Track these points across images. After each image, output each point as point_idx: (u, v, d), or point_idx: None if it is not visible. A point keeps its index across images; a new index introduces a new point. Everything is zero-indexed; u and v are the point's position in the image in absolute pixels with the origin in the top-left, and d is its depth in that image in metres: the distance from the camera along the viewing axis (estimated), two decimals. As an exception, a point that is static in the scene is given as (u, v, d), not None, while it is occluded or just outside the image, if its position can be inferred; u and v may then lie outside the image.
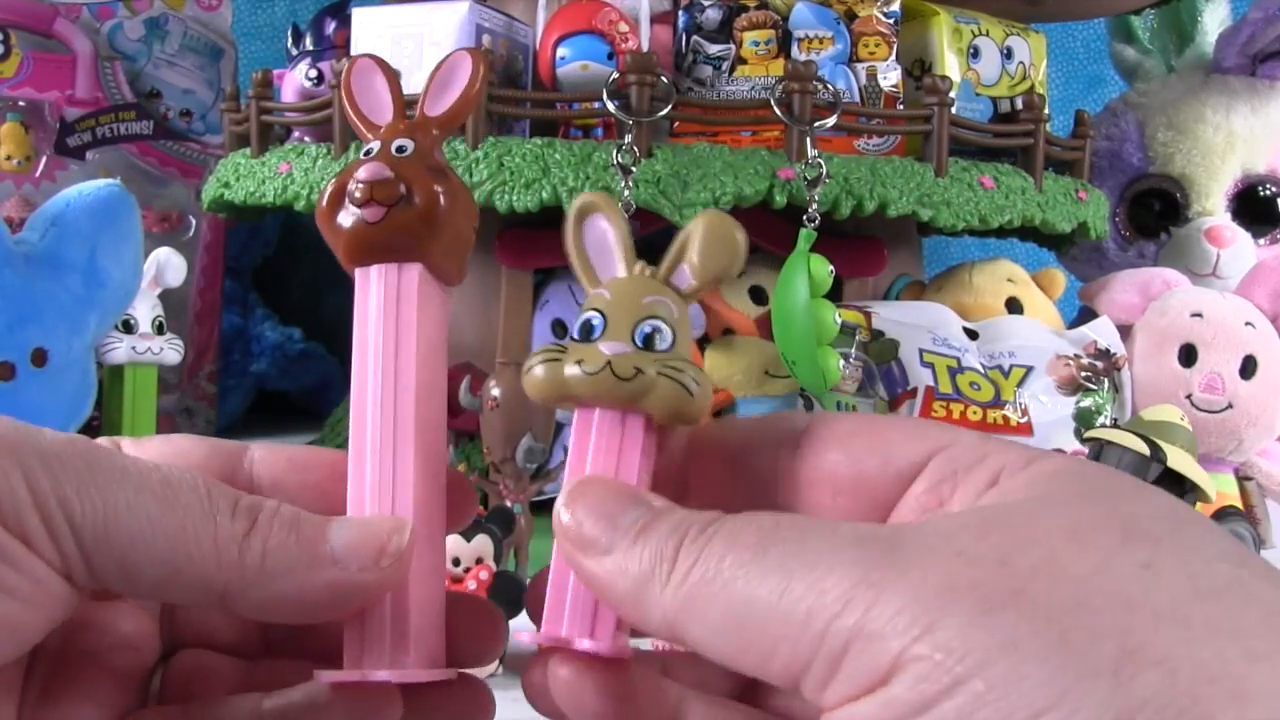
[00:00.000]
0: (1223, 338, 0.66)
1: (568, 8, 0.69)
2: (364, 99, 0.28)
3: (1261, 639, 0.17)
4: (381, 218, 0.25)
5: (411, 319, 0.25)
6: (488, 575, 0.47)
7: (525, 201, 0.61)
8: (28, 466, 0.21)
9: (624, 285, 0.26)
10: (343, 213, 0.26)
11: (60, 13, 0.87)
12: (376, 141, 0.26)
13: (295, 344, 1.08)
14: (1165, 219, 0.95)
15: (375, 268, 0.26)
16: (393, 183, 0.25)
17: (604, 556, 0.22)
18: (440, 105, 0.28)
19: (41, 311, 0.52)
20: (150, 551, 0.21)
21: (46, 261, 0.53)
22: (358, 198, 0.25)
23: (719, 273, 0.25)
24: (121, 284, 0.57)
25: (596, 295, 0.25)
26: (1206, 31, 0.98)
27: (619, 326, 0.25)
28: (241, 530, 0.22)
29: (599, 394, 0.24)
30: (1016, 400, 0.63)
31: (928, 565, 0.19)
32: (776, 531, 0.20)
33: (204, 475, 0.23)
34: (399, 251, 0.26)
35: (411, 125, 0.27)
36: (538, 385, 0.24)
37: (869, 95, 0.68)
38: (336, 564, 0.22)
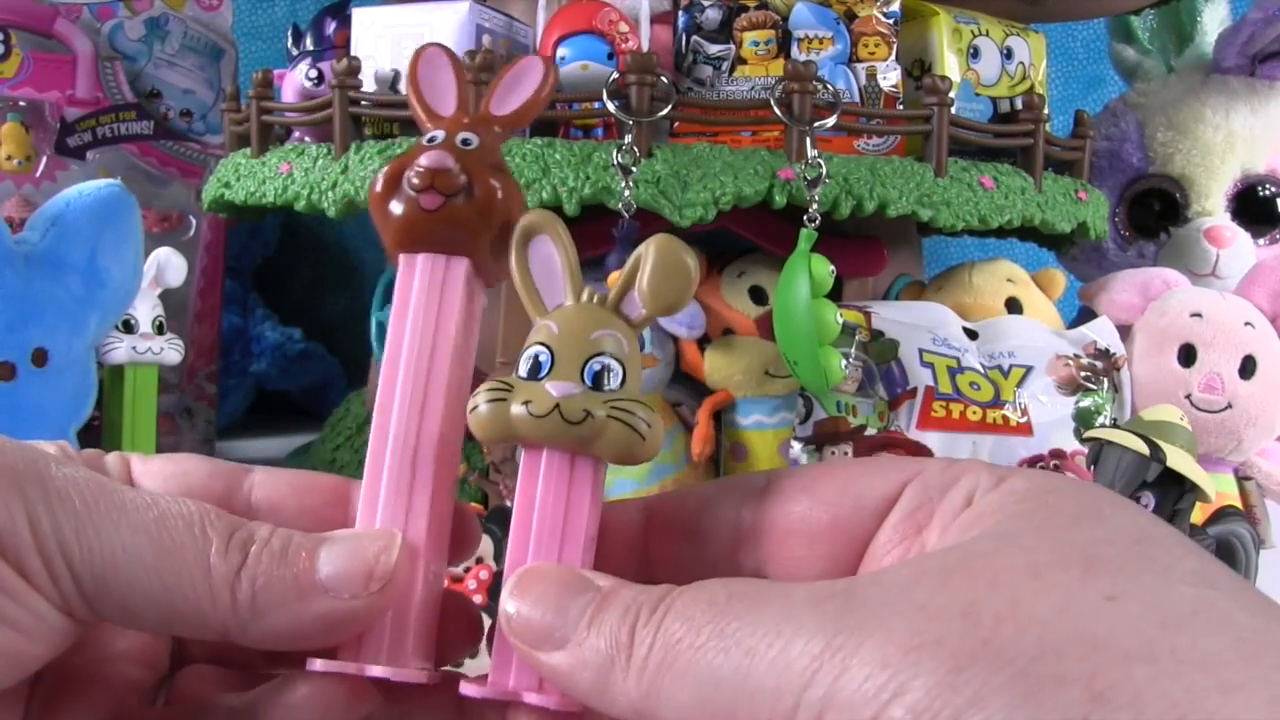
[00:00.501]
0: (1222, 338, 0.66)
1: (568, 8, 0.69)
2: (429, 88, 0.28)
3: (1232, 668, 0.16)
4: (439, 206, 0.25)
5: (453, 311, 0.25)
6: (487, 575, 0.47)
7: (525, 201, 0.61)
8: (31, 505, 0.21)
9: (571, 317, 0.25)
10: (397, 197, 0.25)
11: (60, 13, 0.87)
12: (440, 130, 0.26)
13: (295, 344, 1.08)
14: (1165, 219, 0.95)
15: (423, 256, 0.25)
16: (455, 173, 0.25)
17: (558, 651, 0.21)
18: (507, 105, 0.28)
19: (42, 311, 0.52)
20: (147, 594, 0.22)
21: (47, 261, 0.53)
22: (416, 183, 0.25)
23: (670, 301, 0.25)
24: (122, 284, 0.57)
25: (543, 327, 0.24)
26: (1206, 31, 0.98)
27: (567, 364, 0.24)
28: (233, 568, 0.22)
29: (547, 437, 0.23)
30: (1016, 400, 0.63)
31: (891, 623, 0.18)
32: (730, 605, 0.20)
33: (200, 507, 0.23)
34: (450, 243, 0.25)
35: (477, 119, 0.27)
36: (482, 424, 0.24)
37: (869, 95, 0.68)
38: (327, 593, 0.22)
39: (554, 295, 0.25)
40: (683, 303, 0.25)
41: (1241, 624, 0.17)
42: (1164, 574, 0.18)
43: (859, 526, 0.23)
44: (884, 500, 0.23)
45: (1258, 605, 0.18)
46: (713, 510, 0.25)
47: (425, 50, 0.28)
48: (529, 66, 0.28)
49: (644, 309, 0.25)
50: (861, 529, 0.23)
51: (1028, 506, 0.20)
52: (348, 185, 0.65)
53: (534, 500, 0.24)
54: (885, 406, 0.62)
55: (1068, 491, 0.21)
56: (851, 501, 0.23)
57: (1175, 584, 0.18)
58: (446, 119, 0.27)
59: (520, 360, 0.24)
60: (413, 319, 0.25)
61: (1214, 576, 0.18)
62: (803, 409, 0.64)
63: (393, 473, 0.24)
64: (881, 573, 0.20)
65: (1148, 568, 0.18)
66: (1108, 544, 0.19)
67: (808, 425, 0.63)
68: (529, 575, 0.23)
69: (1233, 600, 0.18)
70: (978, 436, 0.62)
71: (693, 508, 0.25)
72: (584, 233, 0.64)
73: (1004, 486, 0.21)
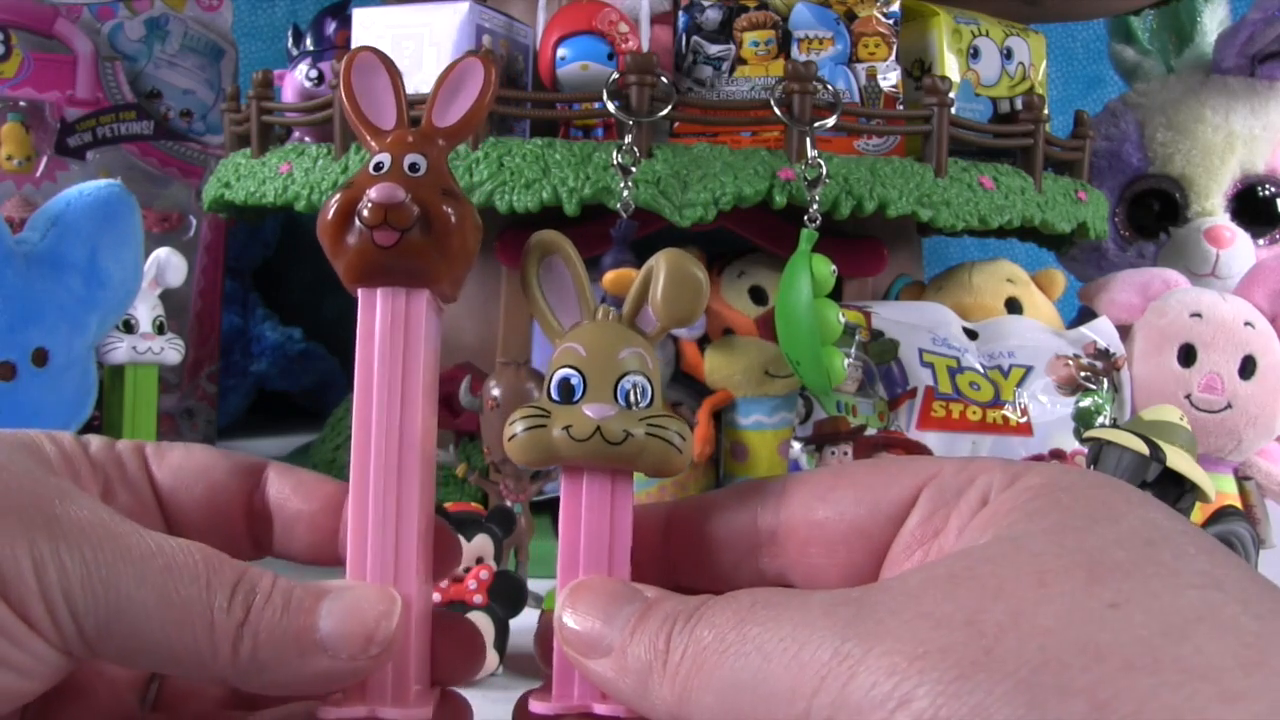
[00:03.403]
0: (1222, 338, 0.66)
1: (568, 8, 0.69)
2: (365, 99, 0.26)
3: (1234, 676, 0.16)
4: (394, 243, 0.24)
5: (419, 345, 0.25)
6: (488, 575, 0.47)
7: (525, 202, 0.61)
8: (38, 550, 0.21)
9: (595, 337, 0.25)
10: (350, 231, 0.24)
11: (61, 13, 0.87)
12: (385, 154, 0.25)
13: (295, 344, 1.08)
14: (1164, 219, 0.95)
15: (381, 290, 0.25)
16: (408, 206, 0.24)
17: (604, 658, 0.22)
18: (449, 115, 0.26)
19: (42, 311, 0.52)
20: (149, 641, 0.22)
21: (47, 261, 0.53)
22: (368, 219, 0.24)
23: (683, 315, 0.25)
24: (122, 284, 0.57)
25: (570, 351, 0.25)
26: (1206, 32, 0.98)
27: (600, 386, 0.24)
28: (236, 622, 0.22)
29: (591, 459, 0.24)
30: (1016, 400, 0.63)
31: (898, 632, 0.18)
32: (753, 611, 0.21)
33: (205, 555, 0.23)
34: (408, 277, 0.25)
35: (421, 137, 0.25)
36: (523, 450, 0.24)
37: (869, 95, 0.68)
38: (326, 652, 0.23)
39: (568, 313, 0.26)
40: (695, 315, 0.25)
41: (1246, 629, 0.17)
42: (1171, 578, 0.18)
43: (877, 532, 0.24)
44: (900, 505, 0.23)
45: (1265, 606, 0.18)
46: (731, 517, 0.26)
47: (356, 56, 0.26)
48: (467, 70, 0.26)
49: (659, 323, 0.25)
50: (879, 535, 0.24)
51: (1040, 505, 0.21)
52: (348, 185, 0.65)
53: (579, 518, 0.24)
54: (885, 406, 0.62)
55: (1081, 488, 0.21)
56: (868, 509, 0.24)
57: (1181, 588, 0.18)
58: (389, 137, 0.25)
59: (550, 384, 0.25)
60: (379, 357, 0.25)
61: (1222, 577, 0.18)
62: (802, 409, 0.64)
63: (377, 514, 0.24)
64: (892, 581, 0.20)
65: (1155, 572, 0.18)
66: (1117, 547, 0.19)
67: (808, 425, 0.63)
68: (579, 588, 0.24)
69: (1239, 603, 0.17)
70: (977, 436, 0.62)
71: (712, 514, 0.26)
72: (584, 233, 0.64)
73: (1018, 484, 0.21)
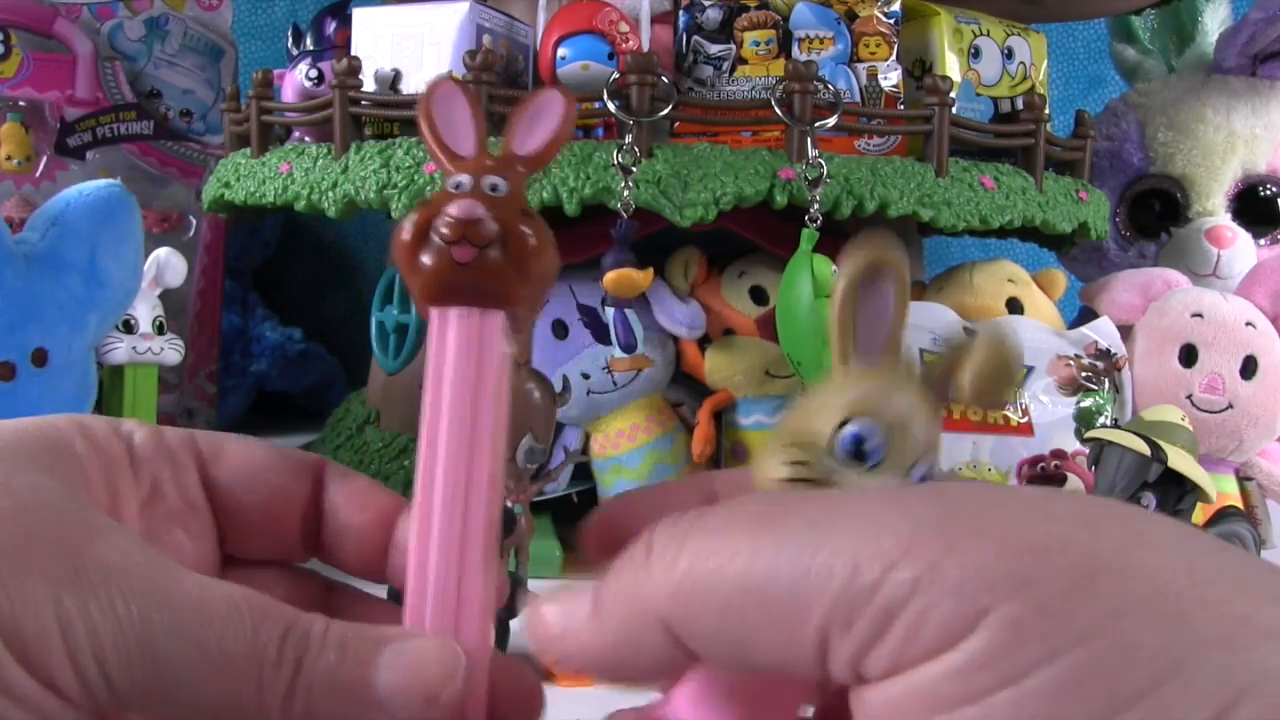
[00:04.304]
0: (1223, 338, 0.66)
1: (568, 8, 0.69)
2: (445, 126, 0.26)
3: None
4: (472, 259, 0.24)
5: (493, 368, 0.24)
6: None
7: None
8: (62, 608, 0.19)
9: (903, 398, 0.22)
10: (426, 248, 0.24)
11: (60, 13, 0.87)
12: (465, 175, 0.25)
13: (295, 344, 1.08)
14: (1165, 219, 0.95)
15: (455, 310, 0.24)
16: (487, 223, 0.24)
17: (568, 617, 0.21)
18: (530, 144, 0.26)
19: (41, 311, 0.52)
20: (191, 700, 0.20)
21: (46, 261, 0.53)
22: (447, 235, 0.23)
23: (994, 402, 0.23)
24: (121, 284, 0.57)
25: (874, 402, 0.21)
26: (1207, 32, 0.98)
27: (897, 461, 0.21)
28: (286, 681, 0.20)
29: None
30: (1017, 400, 0.63)
31: (1006, 521, 0.16)
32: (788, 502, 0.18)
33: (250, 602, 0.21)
34: (484, 297, 0.24)
35: (501, 162, 0.25)
36: None
37: (869, 95, 0.68)
38: (383, 708, 0.21)
39: (869, 346, 0.23)
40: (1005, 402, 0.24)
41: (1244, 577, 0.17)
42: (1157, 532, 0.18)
43: None
44: None
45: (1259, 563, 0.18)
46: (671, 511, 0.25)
47: (438, 86, 0.26)
48: (548, 101, 0.26)
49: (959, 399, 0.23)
50: None
51: None
52: (348, 185, 0.65)
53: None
54: (886, 407, 0.62)
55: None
56: None
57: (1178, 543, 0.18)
58: (469, 162, 0.25)
59: (843, 436, 0.21)
60: (451, 379, 0.24)
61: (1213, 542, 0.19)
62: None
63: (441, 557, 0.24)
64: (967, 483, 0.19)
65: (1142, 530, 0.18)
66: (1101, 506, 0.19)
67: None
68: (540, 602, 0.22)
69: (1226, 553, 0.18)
70: (978, 436, 0.62)
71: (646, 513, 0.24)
72: (585, 233, 0.64)
73: None
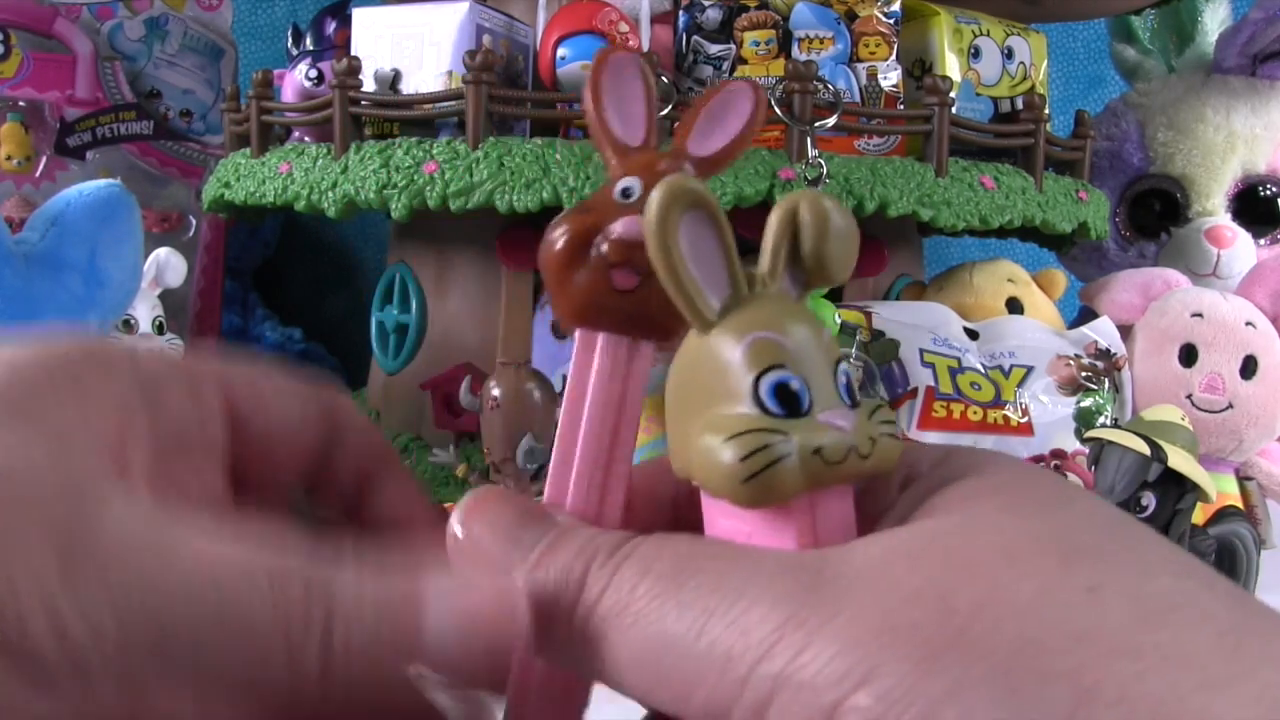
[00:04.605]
0: (1223, 338, 0.66)
1: (568, 8, 0.69)
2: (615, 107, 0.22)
3: (1217, 664, 0.16)
4: (634, 287, 0.21)
5: (636, 399, 0.22)
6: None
7: (525, 201, 0.61)
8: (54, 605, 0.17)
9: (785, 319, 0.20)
10: (582, 265, 0.21)
11: (60, 13, 0.87)
12: (635, 179, 0.22)
13: (295, 344, 1.08)
14: (1165, 219, 0.95)
15: (605, 336, 0.22)
16: None
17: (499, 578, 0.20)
18: (709, 144, 0.23)
19: (42, 311, 0.52)
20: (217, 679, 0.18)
21: (46, 261, 0.53)
22: (610, 255, 0.21)
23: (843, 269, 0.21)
24: (121, 284, 0.57)
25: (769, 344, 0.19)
26: (1207, 31, 0.98)
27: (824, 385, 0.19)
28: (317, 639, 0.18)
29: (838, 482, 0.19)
30: (1017, 400, 0.63)
31: (863, 602, 0.17)
32: (694, 560, 0.18)
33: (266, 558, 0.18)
34: (640, 326, 0.22)
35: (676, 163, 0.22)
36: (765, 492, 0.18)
37: (869, 95, 0.68)
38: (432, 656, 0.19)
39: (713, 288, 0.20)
40: (850, 267, 0.21)
41: (1221, 617, 0.17)
42: (1141, 563, 0.18)
43: None
44: None
45: (1233, 595, 0.17)
46: None
47: (611, 57, 0.23)
48: (734, 95, 0.23)
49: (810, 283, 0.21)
50: None
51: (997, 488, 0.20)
52: (348, 185, 0.65)
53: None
54: (886, 407, 0.62)
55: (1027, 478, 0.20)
56: None
57: (1155, 575, 0.17)
58: (638, 158, 0.22)
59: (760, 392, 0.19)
60: (591, 408, 0.22)
61: (1189, 566, 0.18)
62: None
63: None
64: (852, 548, 0.19)
65: (1126, 558, 0.18)
66: (1084, 531, 0.18)
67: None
68: (484, 495, 0.21)
69: (1210, 591, 0.17)
70: (978, 437, 0.62)
71: None
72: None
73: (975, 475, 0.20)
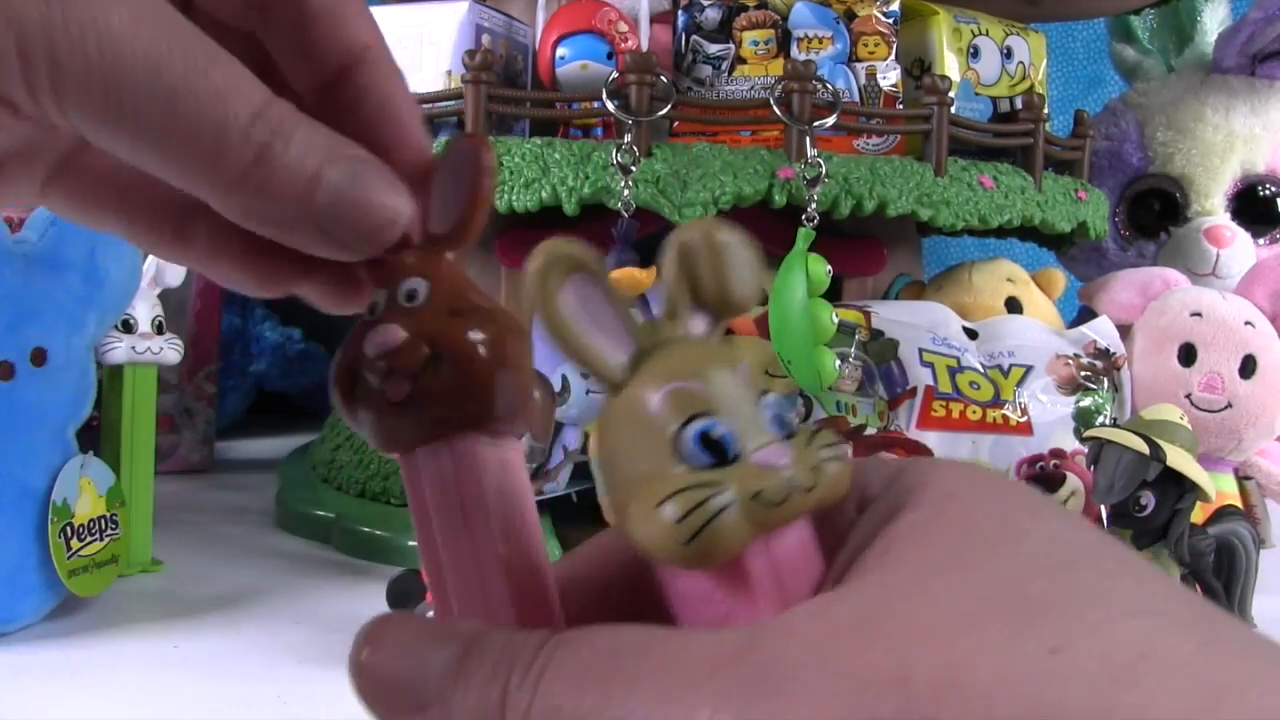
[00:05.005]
0: (1222, 337, 0.66)
1: (567, 7, 0.69)
2: None
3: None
4: (407, 395, 0.20)
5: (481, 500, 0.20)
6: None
7: (525, 201, 0.61)
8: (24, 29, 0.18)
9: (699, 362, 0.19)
10: (362, 397, 0.20)
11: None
12: (381, 291, 0.21)
13: (295, 344, 1.08)
14: (1165, 219, 0.95)
15: (421, 451, 0.20)
16: (411, 346, 0.20)
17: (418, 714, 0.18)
18: (446, 218, 0.22)
19: (41, 311, 0.52)
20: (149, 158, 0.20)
21: (46, 261, 0.53)
22: (372, 377, 0.20)
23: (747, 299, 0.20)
24: (121, 284, 0.57)
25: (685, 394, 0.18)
26: (1206, 31, 0.98)
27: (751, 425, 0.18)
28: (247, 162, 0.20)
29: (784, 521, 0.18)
30: (1016, 400, 0.63)
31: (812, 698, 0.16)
32: (616, 664, 0.17)
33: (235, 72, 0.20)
34: (444, 425, 0.20)
35: (420, 256, 0.21)
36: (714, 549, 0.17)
37: (868, 95, 0.68)
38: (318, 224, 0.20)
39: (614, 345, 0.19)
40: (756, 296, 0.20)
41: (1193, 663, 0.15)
42: (1102, 607, 0.16)
43: None
44: None
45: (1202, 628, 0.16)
46: None
47: None
48: (457, 157, 0.22)
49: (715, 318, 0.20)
50: None
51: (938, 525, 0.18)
52: (347, 185, 0.65)
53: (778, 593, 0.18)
54: (885, 406, 0.62)
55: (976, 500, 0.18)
56: None
57: (1119, 619, 0.16)
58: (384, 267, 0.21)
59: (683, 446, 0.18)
60: (439, 527, 0.20)
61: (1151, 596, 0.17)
62: (802, 409, 0.63)
63: None
64: (788, 622, 0.17)
65: (1085, 602, 0.16)
66: (1034, 576, 0.17)
67: (808, 425, 0.63)
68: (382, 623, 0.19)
69: (1180, 629, 0.16)
70: (977, 436, 0.62)
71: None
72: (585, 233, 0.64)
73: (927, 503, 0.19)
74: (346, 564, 0.65)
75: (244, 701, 0.46)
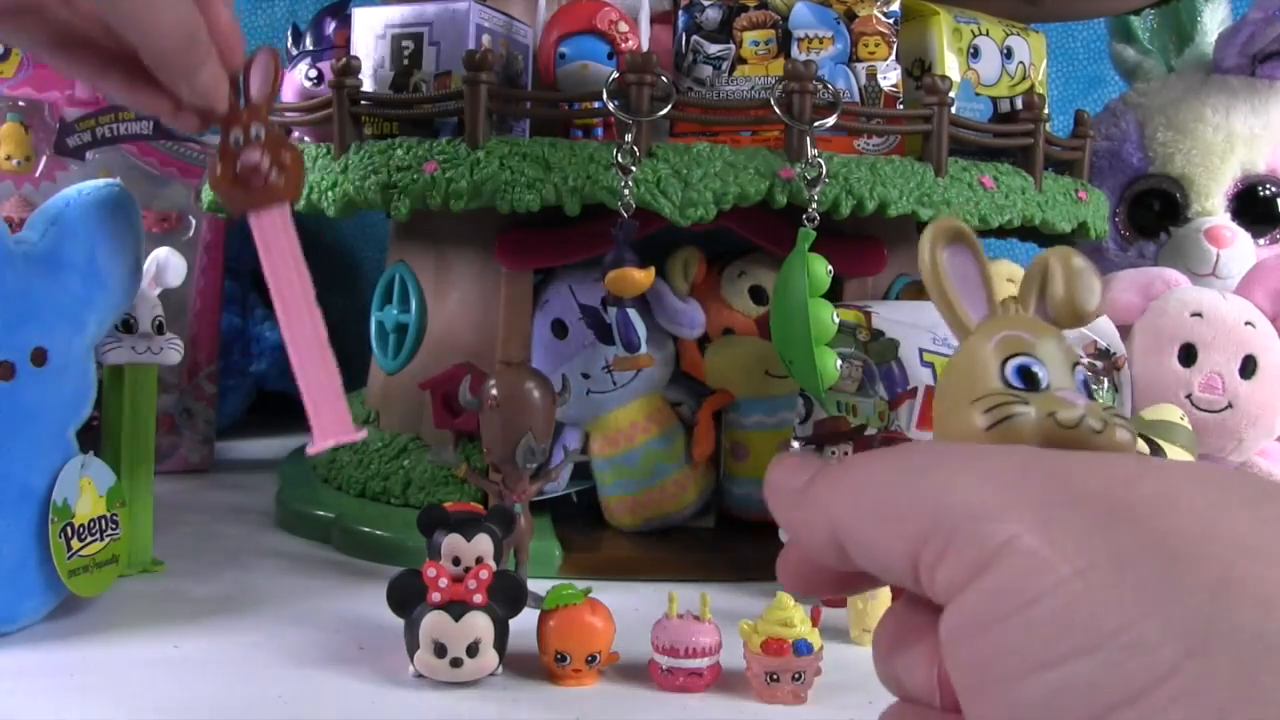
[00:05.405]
0: (1222, 337, 0.66)
1: (568, 7, 0.69)
2: None
3: None
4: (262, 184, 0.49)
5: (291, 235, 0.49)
6: (487, 575, 0.47)
7: (525, 201, 0.61)
8: None
9: (1034, 327, 0.25)
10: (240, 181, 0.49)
11: (60, 13, 0.87)
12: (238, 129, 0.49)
13: (295, 344, 1.08)
14: (1165, 219, 0.95)
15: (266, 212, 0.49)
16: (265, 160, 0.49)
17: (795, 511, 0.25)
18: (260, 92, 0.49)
19: (41, 311, 0.52)
20: None
21: (46, 261, 0.53)
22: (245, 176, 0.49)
23: (1084, 313, 0.25)
24: (121, 284, 0.57)
25: (1017, 339, 0.24)
26: (1206, 31, 0.98)
27: (1062, 375, 0.24)
28: None
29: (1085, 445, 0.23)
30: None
31: (1052, 469, 0.20)
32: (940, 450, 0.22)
33: None
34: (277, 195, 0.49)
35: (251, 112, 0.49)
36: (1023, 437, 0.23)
37: (869, 95, 0.68)
38: None
39: (973, 305, 0.26)
40: (1093, 313, 0.25)
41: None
42: None
43: None
44: None
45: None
46: None
47: None
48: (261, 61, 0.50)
49: (1055, 320, 0.25)
50: None
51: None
52: (347, 185, 0.65)
53: None
54: (885, 406, 0.62)
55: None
56: None
57: None
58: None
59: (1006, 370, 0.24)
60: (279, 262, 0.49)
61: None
62: (803, 409, 0.63)
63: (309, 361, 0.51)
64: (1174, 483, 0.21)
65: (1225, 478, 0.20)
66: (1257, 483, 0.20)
67: (808, 425, 0.63)
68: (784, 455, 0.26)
69: None
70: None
71: None
72: (585, 232, 0.64)
73: None
74: (346, 564, 0.65)
75: (244, 702, 0.46)
